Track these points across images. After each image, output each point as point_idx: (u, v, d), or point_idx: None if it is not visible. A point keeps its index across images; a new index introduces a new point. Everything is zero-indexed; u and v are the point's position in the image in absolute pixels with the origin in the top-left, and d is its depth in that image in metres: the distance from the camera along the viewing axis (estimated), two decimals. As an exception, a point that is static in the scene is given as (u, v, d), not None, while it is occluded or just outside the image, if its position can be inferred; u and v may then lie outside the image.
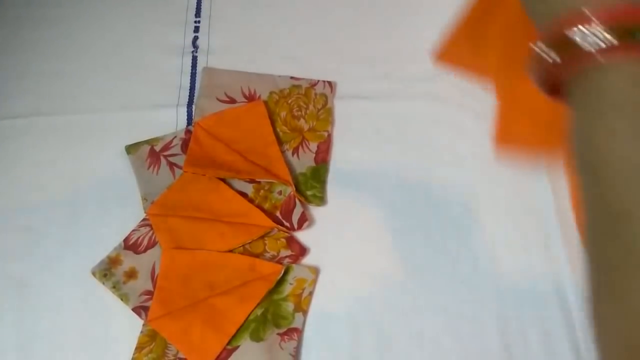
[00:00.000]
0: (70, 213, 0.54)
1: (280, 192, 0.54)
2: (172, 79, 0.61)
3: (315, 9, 0.65)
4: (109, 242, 0.52)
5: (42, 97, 0.60)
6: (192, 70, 0.61)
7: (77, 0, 0.66)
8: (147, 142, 0.56)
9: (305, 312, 0.49)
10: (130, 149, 0.56)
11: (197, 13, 0.65)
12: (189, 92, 0.60)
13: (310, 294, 0.50)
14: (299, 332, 0.48)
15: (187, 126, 0.58)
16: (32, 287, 0.51)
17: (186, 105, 0.59)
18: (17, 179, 0.56)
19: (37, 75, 0.61)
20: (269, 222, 0.51)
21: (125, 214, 0.53)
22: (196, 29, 0.64)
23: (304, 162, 0.56)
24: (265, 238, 0.52)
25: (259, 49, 0.63)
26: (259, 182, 0.54)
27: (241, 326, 0.48)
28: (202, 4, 0.65)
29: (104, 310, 0.50)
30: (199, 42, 0.63)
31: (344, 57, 0.61)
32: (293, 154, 0.56)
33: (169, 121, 0.58)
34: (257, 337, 0.48)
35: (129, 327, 0.49)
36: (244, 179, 0.54)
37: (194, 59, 0.62)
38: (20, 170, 0.56)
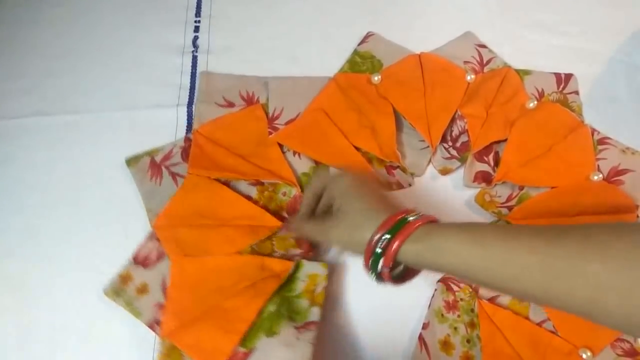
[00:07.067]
0: (70, 213, 0.54)
1: (284, 194, 0.53)
2: (172, 79, 0.61)
3: (315, 9, 0.65)
4: (108, 241, 0.52)
5: (42, 97, 0.60)
6: (192, 70, 0.61)
7: (77, 0, 0.66)
8: (146, 153, 0.55)
9: (321, 306, 0.47)
10: (131, 161, 0.55)
11: (198, 13, 0.65)
12: (189, 92, 0.60)
13: (324, 288, 0.48)
14: (316, 324, 0.46)
15: (187, 126, 0.57)
16: (32, 287, 0.51)
17: (186, 105, 0.59)
18: (17, 179, 0.56)
19: (37, 75, 0.61)
20: (275, 222, 0.51)
21: (125, 213, 0.53)
22: (196, 29, 0.64)
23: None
24: (273, 238, 0.51)
25: (259, 48, 0.63)
26: (263, 184, 0.54)
27: (254, 325, 0.45)
28: (202, 3, 0.65)
29: (103, 310, 0.49)
30: (199, 41, 0.63)
31: (344, 57, 0.61)
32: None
33: (169, 121, 0.58)
34: (270, 332, 0.45)
35: (128, 326, 0.49)
36: (248, 180, 0.53)
37: (194, 59, 0.62)
38: (20, 170, 0.56)
